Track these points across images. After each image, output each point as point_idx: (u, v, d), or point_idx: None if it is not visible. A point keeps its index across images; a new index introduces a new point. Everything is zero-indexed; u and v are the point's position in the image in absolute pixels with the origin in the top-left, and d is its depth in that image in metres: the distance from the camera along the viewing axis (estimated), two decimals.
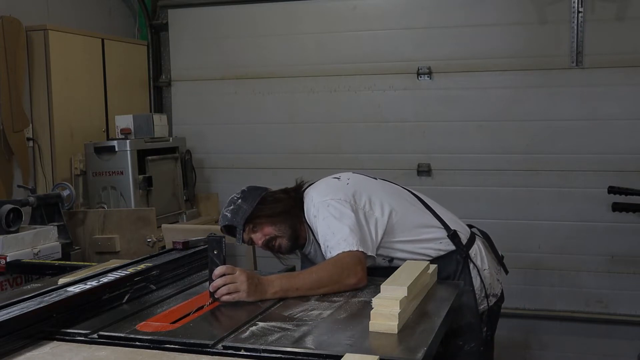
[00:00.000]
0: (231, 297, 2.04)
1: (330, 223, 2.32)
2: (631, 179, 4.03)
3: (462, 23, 4.33)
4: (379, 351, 1.63)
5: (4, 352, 1.66)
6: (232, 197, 2.52)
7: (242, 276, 2.06)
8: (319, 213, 2.37)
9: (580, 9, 4.09)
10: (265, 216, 2.46)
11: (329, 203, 2.37)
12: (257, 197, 2.49)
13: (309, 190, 2.54)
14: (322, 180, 2.60)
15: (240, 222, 2.43)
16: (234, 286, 2.05)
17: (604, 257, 4.22)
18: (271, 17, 4.70)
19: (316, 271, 2.20)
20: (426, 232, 2.49)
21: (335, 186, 2.50)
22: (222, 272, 2.06)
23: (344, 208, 2.34)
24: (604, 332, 4.27)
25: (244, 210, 2.45)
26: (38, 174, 3.96)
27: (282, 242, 2.49)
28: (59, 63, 3.98)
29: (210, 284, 2.07)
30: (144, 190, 4.06)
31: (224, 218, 2.49)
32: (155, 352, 1.70)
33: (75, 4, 4.39)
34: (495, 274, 2.61)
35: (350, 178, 2.55)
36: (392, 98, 4.50)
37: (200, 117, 4.91)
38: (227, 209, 2.49)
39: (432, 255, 2.46)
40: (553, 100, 4.22)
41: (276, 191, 2.57)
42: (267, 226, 2.46)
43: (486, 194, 4.34)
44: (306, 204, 2.47)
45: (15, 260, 3.02)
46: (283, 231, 2.47)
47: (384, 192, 2.54)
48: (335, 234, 2.28)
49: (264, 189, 2.56)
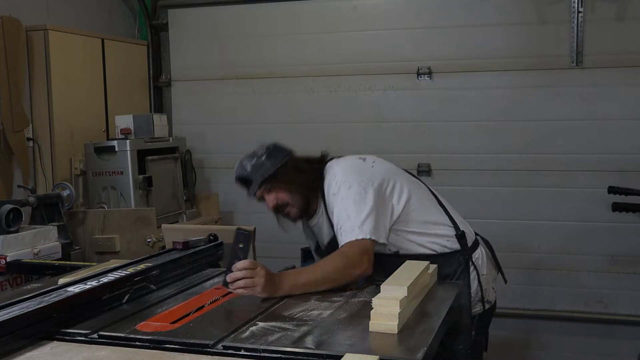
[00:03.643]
0: (246, 291, 2.07)
1: (347, 205, 2.32)
2: (631, 179, 4.03)
3: (462, 23, 4.33)
4: (379, 351, 1.63)
5: (4, 352, 1.66)
6: (256, 151, 2.48)
7: (262, 272, 2.09)
8: (339, 192, 2.36)
9: (580, 9, 4.09)
10: (284, 182, 2.44)
11: (351, 184, 2.36)
12: (281, 159, 2.46)
13: (332, 165, 2.51)
14: (347, 158, 2.57)
15: (260, 179, 2.42)
16: (251, 281, 2.07)
17: (604, 257, 4.22)
18: (271, 17, 4.70)
19: (322, 266, 2.24)
20: (436, 228, 2.50)
21: (360, 167, 2.48)
22: (244, 266, 2.08)
23: (364, 192, 2.34)
24: (604, 332, 4.27)
25: (266, 169, 2.42)
26: (38, 174, 3.95)
27: (292, 211, 2.49)
28: (59, 63, 3.98)
29: (228, 275, 2.08)
30: (144, 190, 4.06)
31: (243, 169, 2.45)
32: (155, 352, 1.70)
33: (75, 4, 4.39)
34: (492, 281, 2.63)
35: (376, 162, 2.53)
36: (392, 98, 4.50)
37: (200, 117, 4.91)
38: (248, 161, 2.45)
39: (437, 251, 2.47)
40: (553, 100, 4.22)
41: (300, 159, 2.54)
42: (283, 192, 2.45)
43: (486, 194, 4.34)
44: (327, 179, 2.45)
45: (15, 260, 3.02)
46: (296, 200, 2.46)
47: (406, 181, 2.53)
48: (350, 218, 2.29)
49: (288, 151, 2.53)
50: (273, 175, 2.43)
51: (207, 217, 4.61)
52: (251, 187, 2.45)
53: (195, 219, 4.49)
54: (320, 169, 2.51)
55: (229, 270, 2.09)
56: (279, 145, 2.53)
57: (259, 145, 2.53)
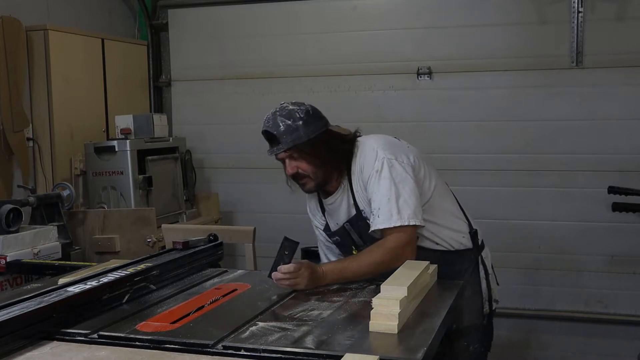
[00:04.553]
0: (290, 285, 2.19)
1: (388, 186, 2.29)
2: (631, 179, 4.03)
3: (462, 23, 4.33)
4: (379, 351, 1.63)
5: (4, 352, 1.66)
6: (294, 110, 2.35)
7: (305, 272, 2.18)
8: (382, 169, 2.31)
9: (580, 9, 4.09)
10: (312, 155, 2.35)
11: (393, 163, 2.32)
12: (317, 129, 2.35)
13: (365, 141, 2.45)
14: (382, 135, 2.50)
15: (290, 144, 2.32)
16: (294, 281, 2.18)
17: (604, 257, 4.22)
18: (271, 17, 4.70)
19: (367, 260, 2.26)
20: (456, 222, 2.50)
21: (398, 145, 2.45)
22: (288, 270, 2.17)
23: (404, 172, 2.32)
24: (604, 332, 4.27)
25: (299, 136, 2.32)
26: (38, 174, 3.95)
27: (309, 183, 2.42)
28: (59, 63, 3.98)
29: (273, 273, 2.20)
30: (144, 190, 4.06)
31: (275, 126, 2.33)
32: (155, 352, 1.70)
33: (75, 4, 4.39)
34: (496, 279, 2.65)
35: (409, 145, 2.52)
36: (392, 98, 4.50)
37: (200, 117, 4.91)
38: (283, 119, 2.33)
39: (454, 247, 2.47)
40: (553, 100, 4.21)
41: (335, 135, 2.42)
42: (307, 163, 2.37)
43: (486, 194, 4.34)
44: (362, 156, 2.39)
45: (15, 260, 3.02)
46: (317, 175, 2.40)
47: (433, 169, 2.52)
48: (390, 201, 2.27)
49: (325, 122, 2.42)
50: (303, 144, 2.33)
51: (207, 217, 4.61)
52: (276, 147, 2.35)
53: (195, 219, 4.49)
54: (351, 150, 2.43)
55: (274, 268, 2.21)
56: (318, 112, 2.42)
57: (298, 102, 2.41)
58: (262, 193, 4.72)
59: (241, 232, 3.49)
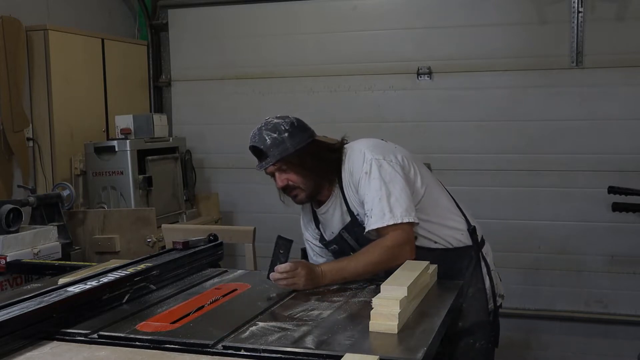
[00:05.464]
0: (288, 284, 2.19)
1: (378, 186, 2.29)
2: (631, 179, 4.03)
3: (462, 23, 4.33)
4: (379, 351, 1.63)
5: (4, 352, 1.66)
6: (279, 123, 2.37)
7: (302, 272, 2.18)
8: (371, 171, 2.33)
9: (580, 9, 4.09)
10: (300, 165, 2.36)
11: (381, 163, 2.34)
12: (303, 140, 2.37)
13: (353, 145, 2.47)
14: (368, 139, 2.52)
15: (276, 157, 2.34)
16: (292, 281, 2.18)
17: (604, 257, 4.22)
18: (271, 17, 4.70)
19: (365, 260, 2.26)
20: (451, 219, 2.49)
21: (385, 146, 2.46)
22: (285, 269, 2.18)
23: (394, 171, 2.33)
24: (604, 332, 4.27)
25: (285, 148, 2.33)
26: (38, 174, 3.96)
27: (300, 194, 2.43)
28: (59, 63, 3.98)
29: (271, 274, 2.21)
30: (144, 190, 4.06)
31: (261, 140, 2.35)
32: (155, 352, 1.70)
33: (75, 4, 4.39)
34: (498, 275, 2.63)
35: (396, 145, 2.52)
36: (392, 98, 4.50)
37: (200, 117, 4.91)
38: (268, 133, 2.35)
39: (452, 244, 2.46)
40: (553, 100, 4.22)
41: (322, 145, 2.43)
42: (296, 175, 2.38)
43: (486, 194, 4.34)
44: (351, 158, 2.40)
45: (15, 260, 3.02)
46: (308, 186, 2.41)
47: (421, 166, 2.52)
48: (382, 200, 2.28)
49: (311, 133, 2.44)
50: (291, 156, 2.34)
51: (207, 217, 4.61)
52: (265, 161, 2.36)
53: (195, 219, 4.49)
54: (339, 158, 2.44)
55: (271, 269, 2.21)
56: (303, 124, 2.44)
57: (282, 116, 2.43)
58: (262, 193, 4.71)
59: (241, 232, 3.49)
